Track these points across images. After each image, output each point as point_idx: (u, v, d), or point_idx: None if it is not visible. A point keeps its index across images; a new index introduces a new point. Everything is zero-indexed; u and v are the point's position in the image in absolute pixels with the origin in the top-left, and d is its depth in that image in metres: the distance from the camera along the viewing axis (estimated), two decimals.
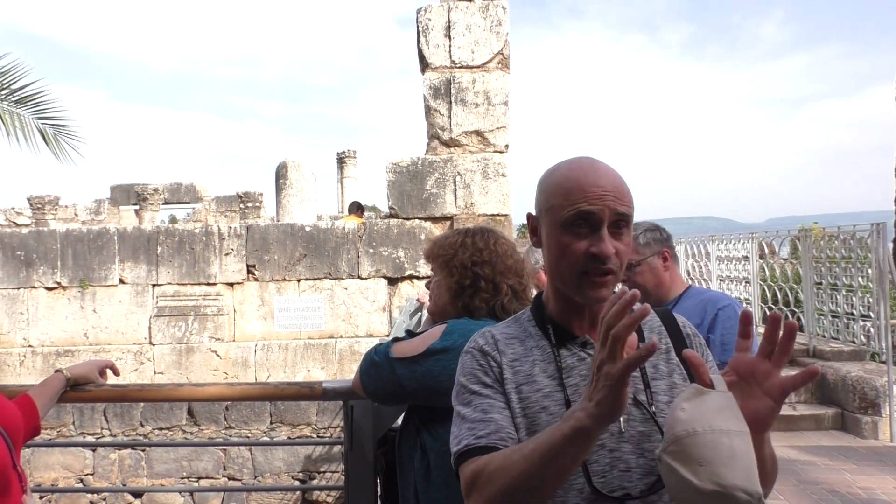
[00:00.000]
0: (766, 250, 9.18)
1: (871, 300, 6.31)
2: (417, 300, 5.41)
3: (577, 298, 1.16)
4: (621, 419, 1.08)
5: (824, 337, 6.96)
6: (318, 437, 5.75)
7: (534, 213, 1.24)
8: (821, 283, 7.01)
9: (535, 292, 1.78)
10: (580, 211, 1.10)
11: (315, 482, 5.64)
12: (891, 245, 7.19)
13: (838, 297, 6.74)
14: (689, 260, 10.12)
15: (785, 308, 7.74)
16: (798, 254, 8.15)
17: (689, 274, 9.91)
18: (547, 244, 1.18)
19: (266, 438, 5.74)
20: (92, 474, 5.69)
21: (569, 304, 1.19)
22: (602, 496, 1.06)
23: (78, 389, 1.98)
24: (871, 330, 6.36)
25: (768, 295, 8.11)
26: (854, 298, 6.51)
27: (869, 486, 4.46)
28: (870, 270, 6.29)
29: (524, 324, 1.26)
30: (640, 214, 1.24)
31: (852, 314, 6.57)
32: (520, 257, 1.80)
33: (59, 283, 7.08)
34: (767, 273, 8.44)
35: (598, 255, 1.09)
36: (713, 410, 0.91)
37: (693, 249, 10.21)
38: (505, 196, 6.79)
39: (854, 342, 6.58)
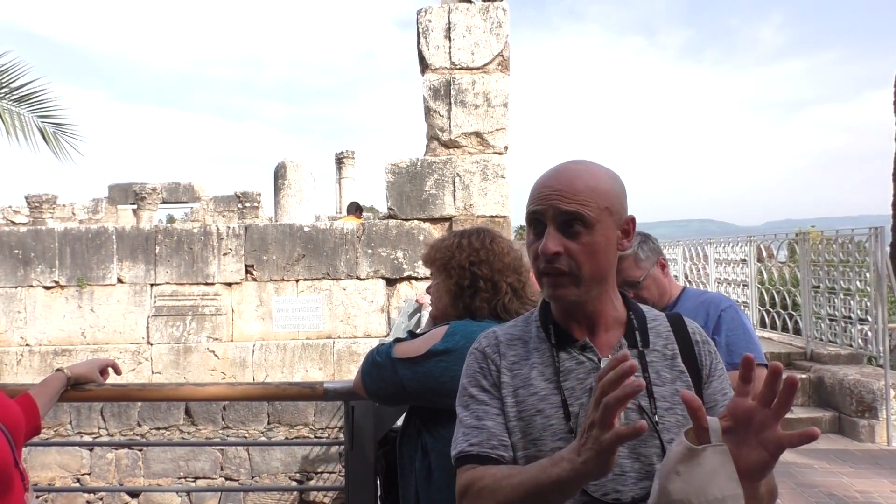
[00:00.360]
0: (764, 253, 9.19)
1: (868, 304, 6.32)
2: (416, 301, 5.40)
3: (545, 298, 1.21)
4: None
5: (822, 340, 6.97)
6: (315, 437, 5.74)
7: None
8: (818, 287, 7.02)
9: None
10: (529, 211, 1.16)
11: (312, 483, 5.63)
12: (888, 249, 7.20)
13: (836, 300, 6.75)
14: (688, 263, 10.13)
15: (783, 311, 7.76)
16: (796, 257, 8.17)
17: (686, 277, 9.92)
18: None
19: (263, 439, 5.73)
20: (89, 474, 5.68)
21: (565, 307, 1.19)
22: (593, 500, 1.07)
23: (78, 389, 1.98)
24: (869, 333, 6.37)
25: (766, 298, 8.12)
26: (852, 302, 6.52)
27: (866, 489, 4.47)
28: (867, 274, 6.30)
29: (530, 324, 1.26)
30: (639, 216, 1.23)
31: (850, 318, 6.58)
32: (518, 254, 1.79)
33: (56, 283, 7.07)
34: (765, 276, 8.45)
35: (541, 254, 1.13)
36: (708, 476, 0.92)
37: (691, 252, 10.22)
38: (504, 197, 6.80)
39: (851, 346, 6.59)
